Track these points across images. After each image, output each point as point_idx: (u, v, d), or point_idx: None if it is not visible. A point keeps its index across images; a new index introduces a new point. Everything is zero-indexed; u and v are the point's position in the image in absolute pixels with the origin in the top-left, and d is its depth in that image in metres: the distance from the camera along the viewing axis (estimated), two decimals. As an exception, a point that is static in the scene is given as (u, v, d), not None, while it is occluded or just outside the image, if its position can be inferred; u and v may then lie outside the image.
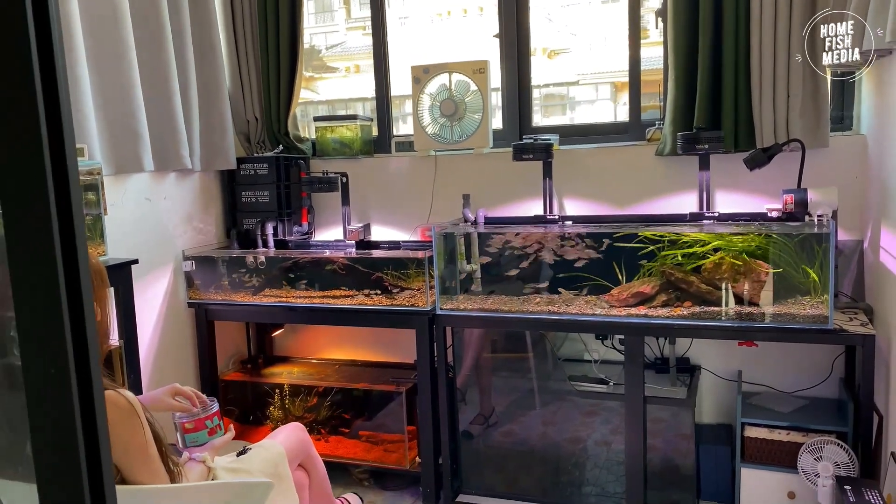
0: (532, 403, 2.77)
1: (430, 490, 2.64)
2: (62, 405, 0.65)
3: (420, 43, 4.12)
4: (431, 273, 2.58)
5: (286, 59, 3.07)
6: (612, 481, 2.55)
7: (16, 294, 0.65)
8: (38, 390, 0.66)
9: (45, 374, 0.65)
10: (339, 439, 2.93)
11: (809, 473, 2.26)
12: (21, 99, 0.61)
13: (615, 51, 2.81)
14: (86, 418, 0.66)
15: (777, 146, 2.38)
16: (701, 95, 2.51)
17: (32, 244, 0.63)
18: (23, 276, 0.64)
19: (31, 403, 0.67)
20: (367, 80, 3.41)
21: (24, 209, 0.63)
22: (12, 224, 0.64)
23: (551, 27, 4.96)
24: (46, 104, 0.62)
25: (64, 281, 0.64)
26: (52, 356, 0.64)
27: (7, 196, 0.63)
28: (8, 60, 0.60)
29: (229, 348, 3.15)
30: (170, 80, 2.68)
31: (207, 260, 2.88)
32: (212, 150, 2.95)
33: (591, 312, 2.42)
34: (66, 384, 0.65)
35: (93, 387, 0.67)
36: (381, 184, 3.11)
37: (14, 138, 0.62)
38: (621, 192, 2.77)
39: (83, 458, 0.66)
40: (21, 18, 0.58)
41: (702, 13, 2.47)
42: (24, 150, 0.62)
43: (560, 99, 6.33)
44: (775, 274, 2.25)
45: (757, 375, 2.64)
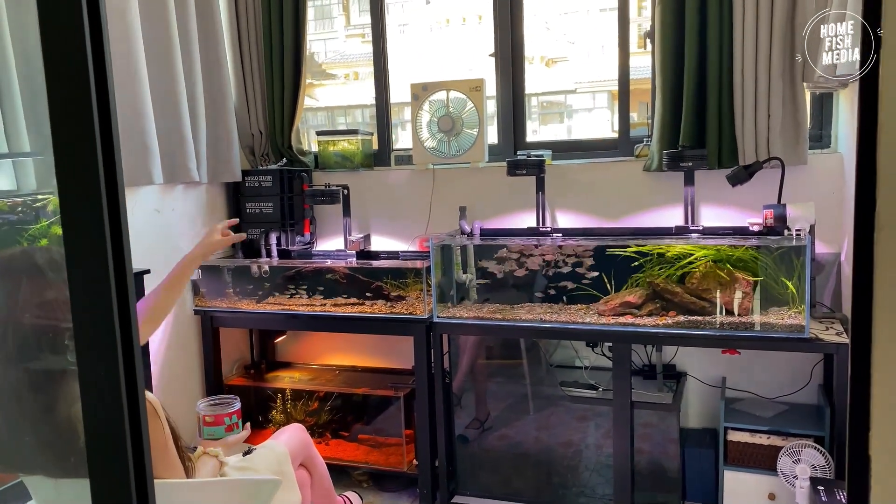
0: (525, 408, 2.88)
1: (426, 491, 2.74)
2: (113, 402, 0.75)
3: (419, 51, 4.20)
4: (429, 282, 2.69)
5: (290, 74, 3.19)
6: (602, 483, 2.66)
7: (74, 305, 0.76)
8: (92, 389, 0.76)
9: (98, 376, 0.76)
10: (339, 442, 3.04)
11: (788, 475, 2.37)
12: (84, 137, 0.73)
13: (612, 59, 2.92)
14: (131, 411, 0.77)
15: (758, 163, 2.50)
16: (686, 114, 2.63)
17: (89, 264, 0.75)
18: (81, 290, 0.75)
19: (85, 400, 0.77)
20: (365, 86, 3.50)
21: (82, 230, 0.74)
22: (72, 244, 0.75)
23: (549, 36, 5.06)
24: (103, 139, 0.74)
25: (115, 297, 0.75)
26: (105, 359, 0.75)
27: (68, 222, 0.74)
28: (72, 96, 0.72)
29: (233, 354, 3.26)
30: (179, 97, 2.79)
31: (213, 269, 2.99)
32: (218, 162, 3.07)
33: (582, 321, 2.53)
34: (117, 384, 0.76)
35: (137, 385, 0.78)
36: (380, 196, 3.23)
37: (75, 169, 0.74)
38: (611, 206, 2.89)
39: (129, 449, 0.76)
40: (82, 49, 0.69)
41: (687, 37, 2.59)
42: (84, 183, 0.74)
43: (558, 107, 6.42)
44: (756, 285, 2.37)
45: (740, 382, 2.76)
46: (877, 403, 0.53)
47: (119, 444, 0.76)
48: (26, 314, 1.22)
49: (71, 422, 1.19)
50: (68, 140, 0.74)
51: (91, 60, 0.70)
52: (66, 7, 0.69)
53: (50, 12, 0.70)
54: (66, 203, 0.75)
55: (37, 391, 1.21)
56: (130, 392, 0.77)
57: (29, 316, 1.22)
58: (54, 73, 0.71)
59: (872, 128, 0.51)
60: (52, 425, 1.22)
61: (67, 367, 1.17)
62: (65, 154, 0.74)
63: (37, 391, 1.21)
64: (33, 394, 1.22)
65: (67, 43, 0.70)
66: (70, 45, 0.70)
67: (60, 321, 1.17)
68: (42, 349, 1.23)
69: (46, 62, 0.71)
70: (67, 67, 0.71)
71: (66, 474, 1.24)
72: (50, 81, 0.72)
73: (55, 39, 0.70)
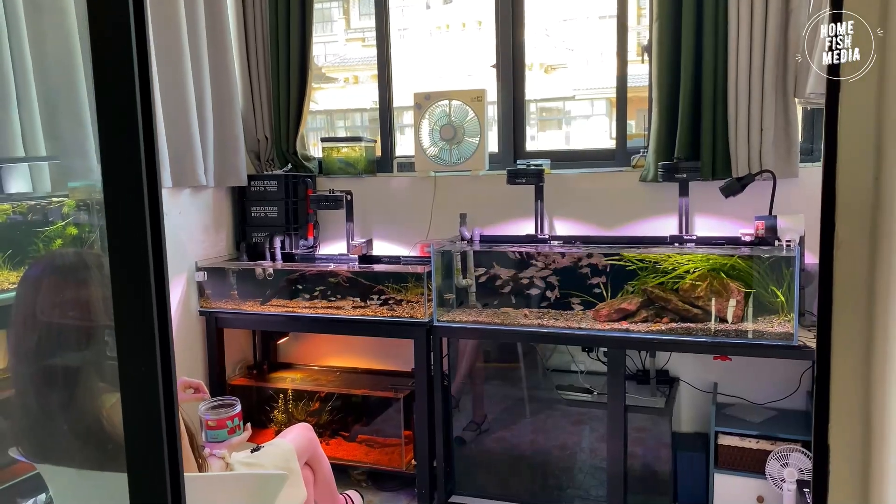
0: (522, 411, 2.95)
1: (424, 491, 2.81)
2: (151, 397, 0.82)
3: (419, 55, 4.25)
4: (430, 287, 2.76)
5: (296, 81, 3.26)
6: (596, 485, 2.73)
7: (116, 306, 0.83)
8: (132, 385, 0.83)
9: (138, 373, 0.83)
10: (340, 442, 3.10)
11: (776, 479, 2.45)
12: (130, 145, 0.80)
13: (611, 67, 2.99)
14: (167, 407, 0.84)
15: (750, 176, 2.59)
16: (682, 127, 2.71)
17: (131, 270, 0.82)
18: (123, 293, 0.82)
19: (125, 395, 0.84)
20: (364, 90, 3.56)
21: (125, 235, 0.81)
22: (115, 246, 0.82)
23: (549, 42, 5.12)
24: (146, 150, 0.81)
25: (155, 297, 0.82)
26: (144, 358, 0.82)
27: (114, 226, 0.81)
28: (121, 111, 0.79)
29: (236, 355, 3.33)
30: (188, 102, 2.87)
31: (218, 271, 3.06)
32: (224, 167, 3.14)
33: (578, 326, 2.61)
34: (155, 381, 0.83)
35: (172, 385, 0.85)
36: (383, 201, 3.30)
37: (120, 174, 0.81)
38: (607, 215, 2.96)
39: (166, 441, 0.83)
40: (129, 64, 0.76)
41: (683, 52, 2.68)
42: (129, 193, 0.81)
43: (557, 113, 6.48)
44: (747, 294, 2.45)
45: (731, 388, 2.84)
46: (834, 398, 0.61)
47: (156, 438, 0.83)
48: (59, 313, 1.29)
49: (97, 417, 1.26)
50: (115, 149, 0.80)
51: (136, 71, 0.77)
52: (114, 23, 0.76)
53: (100, 34, 0.77)
54: (112, 208, 0.82)
55: (70, 387, 1.28)
56: (167, 390, 0.84)
57: (61, 314, 1.29)
58: (103, 85, 0.78)
59: (832, 165, 0.58)
60: (80, 420, 1.28)
61: (101, 364, 1.24)
62: (111, 160, 0.81)
63: (70, 387, 1.28)
64: (65, 389, 1.29)
65: (116, 59, 0.77)
66: (118, 61, 0.77)
67: (92, 321, 1.24)
68: (72, 347, 1.29)
69: (97, 72, 0.78)
70: (115, 80, 0.78)
71: (91, 466, 1.31)
72: (99, 92, 0.78)
73: (105, 54, 0.77)
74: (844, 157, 0.60)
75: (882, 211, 0.59)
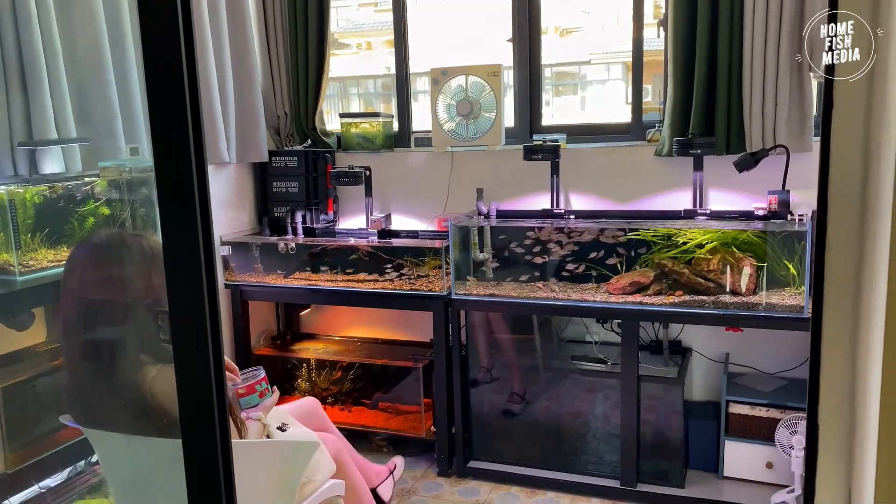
0: (538, 380, 3.04)
1: (444, 456, 2.93)
2: (204, 373, 0.91)
3: (432, 21, 4.20)
4: (447, 261, 2.84)
5: (314, 58, 3.30)
6: (609, 451, 2.83)
7: (171, 291, 0.91)
8: (186, 364, 0.92)
9: (192, 353, 0.91)
10: (361, 409, 3.22)
11: (785, 446, 2.53)
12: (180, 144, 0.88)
13: (627, 30, 2.98)
14: (217, 378, 0.92)
15: (764, 151, 2.62)
16: (697, 102, 2.74)
17: (185, 260, 0.89)
18: (177, 281, 0.90)
19: (179, 373, 0.93)
20: (378, 55, 3.56)
21: (181, 228, 0.89)
22: (171, 239, 0.90)
23: (565, 5, 5.07)
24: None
25: (206, 288, 0.90)
26: (198, 340, 0.90)
27: (168, 215, 0.89)
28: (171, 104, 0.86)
29: (261, 326, 3.43)
30: (210, 79, 2.92)
31: (242, 245, 3.15)
32: (246, 144, 3.21)
33: (593, 299, 2.68)
34: (207, 360, 0.91)
35: (222, 361, 0.94)
36: (401, 177, 3.36)
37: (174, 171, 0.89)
38: (623, 189, 3.01)
39: (216, 409, 0.92)
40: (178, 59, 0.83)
41: (699, 28, 2.69)
42: (182, 195, 0.88)
43: (572, 77, 6.42)
44: (759, 267, 2.50)
45: (742, 358, 2.90)
46: (823, 383, 0.67)
47: (208, 406, 0.92)
48: (104, 290, 1.38)
49: (140, 388, 1.36)
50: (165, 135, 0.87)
51: (185, 60, 0.84)
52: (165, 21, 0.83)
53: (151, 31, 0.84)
54: (163, 190, 0.89)
55: (114, 359, 1.38)
56: (217, 363, 0.93)
57: (105, 291, 1.38)
58: (153, 72, 0.85)
59: (825, 175, 0.64)
60: (125, 390, 1.39)
61: (157, 343, 1.33)
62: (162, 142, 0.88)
63: (114, 359, 1.38)
64: (110, 362, 1.39)
65: (166, 49, 0.84)
66: (168, 51, 0.84)
67: (136, 298, 1.33)
68: (117, 322, 1.39)
69: (147, 62, 0.85)
70: (165, 69, 0.84)
71: (135, 431, 1.42)
72: (149, 80, 0.85)
73: (156, 45, 0.84)
74: (836, 170, 0.65)
75: (868, 218, 0.65)
